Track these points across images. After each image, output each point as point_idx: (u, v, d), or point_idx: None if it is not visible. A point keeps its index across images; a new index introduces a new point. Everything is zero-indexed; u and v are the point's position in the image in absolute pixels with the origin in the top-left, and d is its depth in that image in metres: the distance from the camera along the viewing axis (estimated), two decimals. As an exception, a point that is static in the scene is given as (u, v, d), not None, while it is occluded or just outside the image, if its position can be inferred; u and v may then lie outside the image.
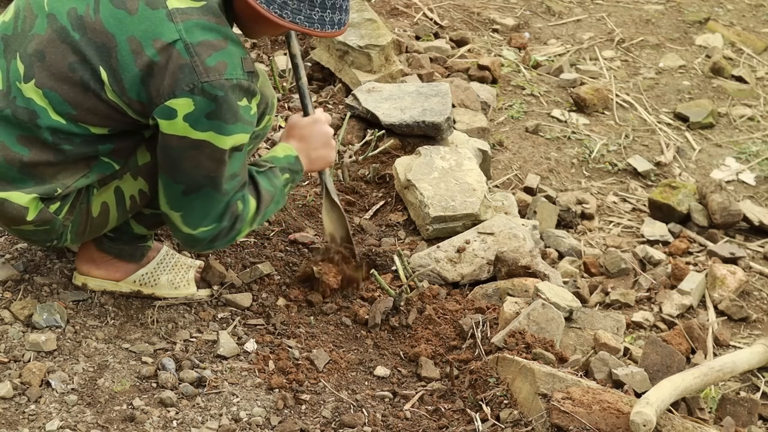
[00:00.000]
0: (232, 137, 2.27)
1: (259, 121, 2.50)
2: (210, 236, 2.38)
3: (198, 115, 2.21)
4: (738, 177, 4.65)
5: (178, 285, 2.66)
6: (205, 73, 2.20)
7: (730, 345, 3.37)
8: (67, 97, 2.25)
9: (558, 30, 5.77)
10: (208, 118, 2.22)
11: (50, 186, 2.32)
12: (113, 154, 2.36)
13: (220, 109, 2.23)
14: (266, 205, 2.47)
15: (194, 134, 2.23)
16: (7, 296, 2.57)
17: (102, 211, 2.43)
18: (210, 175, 2.29)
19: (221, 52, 2.22)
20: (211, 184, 2.31)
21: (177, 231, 2.41)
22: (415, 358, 2.60)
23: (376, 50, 4.03)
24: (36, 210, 2.32)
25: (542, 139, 4.65)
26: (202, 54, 2.20)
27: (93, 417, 2.24)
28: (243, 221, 2.42)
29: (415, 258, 2.97)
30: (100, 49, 2.22)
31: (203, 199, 2.32)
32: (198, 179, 2.29)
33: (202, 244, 2.41)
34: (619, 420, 2.17)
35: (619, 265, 3.75)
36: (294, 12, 2.29)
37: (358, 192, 3.36)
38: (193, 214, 2.35)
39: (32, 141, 2.29)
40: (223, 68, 2.21)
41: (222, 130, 2.25)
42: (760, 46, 5.84)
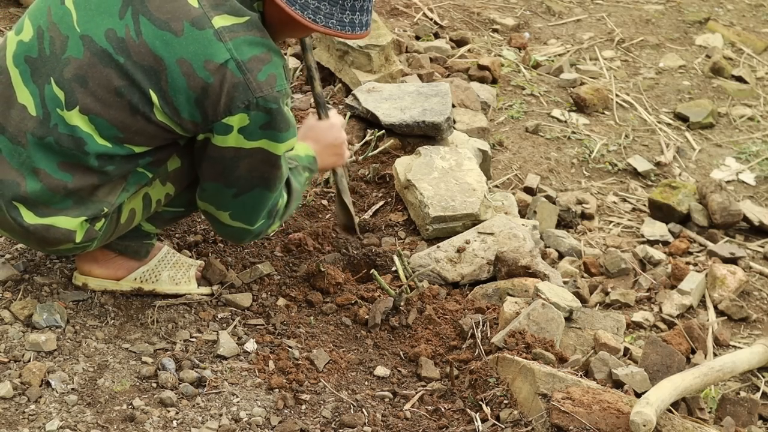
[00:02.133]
0: (285, 144, 2.35)
1: None
2: (258, 231, 2.48)
3: (252, 128, 2.28)
4: (738, 177, 4.65)
5: (179, 281, 2.66)
6: (259, 88, 2.25)
7: (730, 345, 3.37)
8: (115, 121, 2.25)
9: (558, 30, 5.77)
10: (262, 129, 2.29)
11: (96, 207, 2.33)
12: (150, 165, 2.38)
13: (274, 120, 2.29)
14: (294, 201, 2.56)
15: (247, 144, 2.30)
16: (7, 296, 2.57)
17: (129, 217, 2.45)
18: (264, 176, 2.37)
19: (269, 65, 2.27)
20: (265, 185, 2.39)
21: (220, 225, 2.48)
22: (415, 358, 2.60)
23: (376, 50, 4.03)
24: (83, 231, 2.34)
25: (542, 139, 4.65)
26: (253, 70, 2.24)
27: (93, 417, 2.24)
28: (278, 215, 2.52)
29: (415, 258, 2.97)
30: (148, 72, 2.22)
31: (255, 198, 2.40)
32: (252, 182, 2.37)
33: (250, 238, 2.50)
34: (619, 420, 2.17)
35: (619, 265, 3.75)
36: (326, 17, 2.32)
37: (358, 192, 3.36)
38: (244, 211, 2.42)
39: (75, 167, 2.28)
40: (273, 81, 2.27)
41: (275, 138, 2.32)
42: (760, 46, 5.84)
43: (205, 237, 2.93)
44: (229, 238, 2.56)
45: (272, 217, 2.49)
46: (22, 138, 2.27)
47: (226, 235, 2.53)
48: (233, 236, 2.52)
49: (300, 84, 4.16)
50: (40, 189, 2.27)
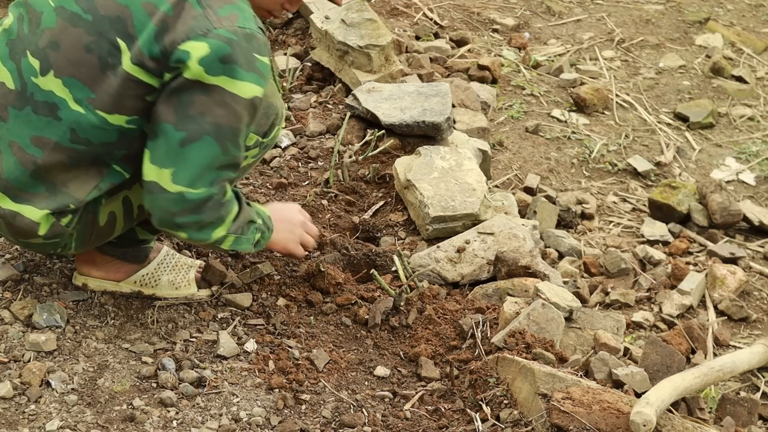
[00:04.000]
0: (245, 84, 2.23)
1: (269, 132, 2.48)
2: (199, 200, 2.26)
3: (212, 58, 2.20)
4: (738, 177, 4.65)
5: (178, 285, 2.66)
6: (218, 20, 2.22)
7: (730, 345, 3.37)
8: (86, 80, 2.25)
9: (558, 30, 5.77)
10: (222, 62, 2.20)
11: (63, 200, 2.31)
12: (124, 161, 2.34)
13: (234, 53, 2.21)
14: (242, 225, 2.40)
15: (207, 78, 2.21)
16: (7, 296, 2.57)
17: (109, 221, 2.43)
18: (217, 123, 2.23)
19: (232, 5, 2.25)
20: (216, 134, 2.24)
21: (162, 194, 2.25)
22: (415, 358, 2.60)
23: (376, 50, 4.03)
24: (48, 225, 2.32)
25: (542, 139, 4.65)
26: (213, 5, 2.23)
27: (93, 417, 2.24)
28: (226, 212, 2.33)
29: (415, 258, 2.97)
30: (114, 22, 2.24)
31: (202, 150, 2.24)
32: (203, 126, 2.23)
33: (188, 210, 2.27)
34: (619, 420, 2.17)
35: (619, 265, 3.75)
36: None
37: (358, 192, 3.36)
38: (187, 167, 2.24)
39: (46, 142, 2.28)
40: (235, 18, 2.23)
41: (235, 74, 2.22)
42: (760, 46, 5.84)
43: (205, 237, 2.93)
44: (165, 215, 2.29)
45: (220, 197, 2.29)
46: (4, 112, 2.31)
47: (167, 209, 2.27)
48: (170, 209, 2.27)
49: (300, 84, 4.16)
50: (13, 164, 2.28)
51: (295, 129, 3.73)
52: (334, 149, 3.47)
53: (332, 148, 3.55)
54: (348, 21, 4.10)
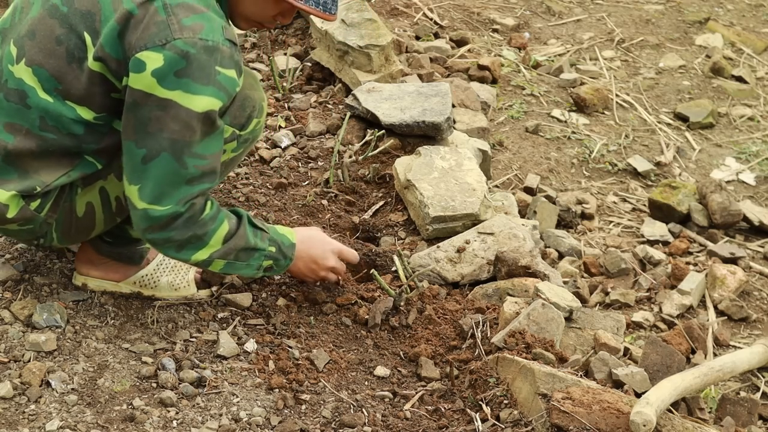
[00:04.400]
0: (200, 98, 2.19)
1: (246, 124, 2.47)
2: (164, 217, 2.25)
3: (167, 71, 2.17)
4: (738, 177, 4.65)
5: (178, 287, 2.66)
6: (179, 30, 2.17)
7: (730, 345, 3.37)
8: (54, 71, 2.26)
9: (558, 30, 5.77)
10: (177, 76, 2.17)
11: (30, 182, 2.32)
12: (97, 154, 2.36)
13: (190, 67, 2.17)
14: (237, 251, 2.38)
15: (161, 92, 2.18)
16: (7, 296, 2.57)
17: (87, 212, 2.42)
18: (173, 138, 2.20)
19: (200, 15, 2.21)
20: (172, 150, 2.21)
21: (133, 210, 2.28)
22: (415, 358, 2.60)
23: (376, 50, 4.03)
24: (17, 207, 2.33)
25: (542, 139, 4.65)
26: (179, 14, 2.19)
27: (93, 417, 2.24)
28: (203, 231, 2.31)
29: (415, 258, 2.97)
30: (84, 16, 2.24)
31: (162, 167, 2.22)
32: (160, 142, 2.20)
33: (155, 227, 2.27)
34: (619, 420, 2.17)
35: (619, 265, 3.75)
36: None
37: (358, 192, 3.36)
38: (149, 184, 2.23)
39: (18, 128, 2.30)
40: (199, 29, 2.19)
41: (190, 89, 2.18)
42: (760, 46, 5.84)
43: (205, 237, 2.93)
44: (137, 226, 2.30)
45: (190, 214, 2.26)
46: None
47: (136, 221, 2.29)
48: (140, 221, 2.28)
49: (300, 84, 4.16)
50: None
51: (295, 129, 3.73)
52: (334, 149, 3.47)
53: (332, 148, 3.55)
54: (348, 21, 4.10)
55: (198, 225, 2.30)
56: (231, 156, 2.49)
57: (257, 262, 2.45)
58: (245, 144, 2.52)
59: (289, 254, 2.51)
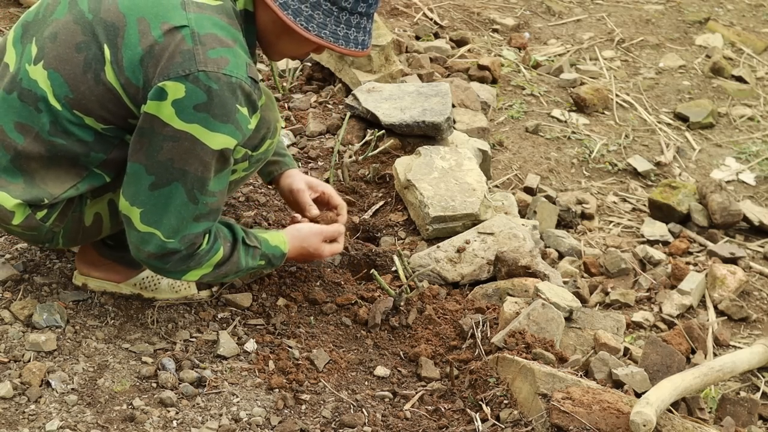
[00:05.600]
0: (218, 136, 2.18)
1: (259, 145, 2.45)
2: (164, 250, 2.27)
3: (187, 103, 2.15)
4: (738, 177, 4.65)
5: (178, 289, 2.66)
6: (204, 63, 2.15)
7: (730, 345, 3.37)
8: (68, 77, 2.24)
9: (558, 30, 5.77)
10: (196, 110, 2.15)
11: (38, 193, 2.31)
12: (104, 166, 2.34)
13: (211, 103, 2.15)
14: (229, 271, 2.41)
15: (178, 123, 2.16)
16: (7, 296, 2.57)
17: (95, 221, 2.43)
18: (185, 171, 2.20)
19: (227, 49, 2.18)
20: (183, 182, 2.21)
21: (132, 230, 2.28)
22: (415, 358, 2.60)
23: (376, 50, 4.03)
24: (22, 215, 2.33)
25: (542, 139, 4.65)
26: (206, 44, 2.16)
27: (93, 417, 2.24)
28: (199, 261, 2.33)
29: (415, 258, 2.97)
30: (108, 28, 2.21)
31: (170, 197, 2.22)
32: (171, 173, 2.20)
33: (152, 255, 2.28)
34: (619, 420, 2.17)
35: (619, 265, 3.75)
36: (320, 26, 2.28)
37: (358, 192, 3.36)
38: (156, 211, 2.23)
39: (28, 130, 2.28)
40: (224, 63, 2.16)
41: (208, 125, 2.16)
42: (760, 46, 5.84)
43: (205, 237, 2.93)
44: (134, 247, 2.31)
45: (188, 251, 2.28)
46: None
47: (134, 242, 2.30)
48: (138, 243, 2.29)
49: (300, 84, 4.16)
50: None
51: (295, 129, 3.73)
52: (334, 149, 3.47)
53: (332, 148, 3.55)
54: (348, 21, 4.09)
55: (193, 259, 2.33)
56: (242, 175, 2.49)
57: (245, 274, 2.51)
58: (256, 164, 2.51)
59: (277, 263, 2.55)
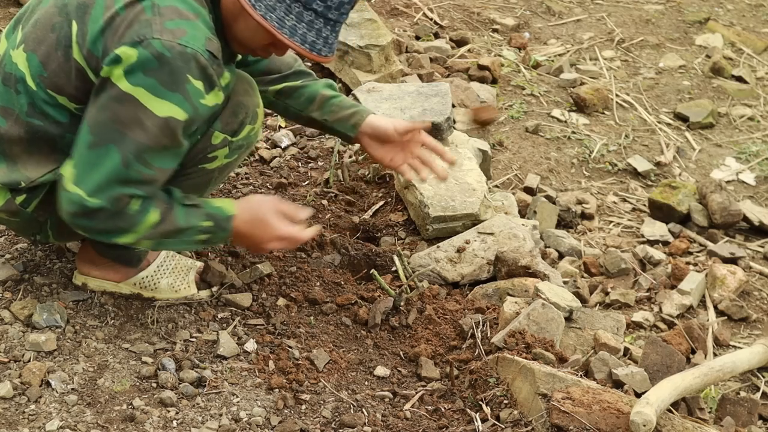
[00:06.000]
0: (164, 103, 2.16)
1: (239, 131, 2.44)
2: (89, 208, 2.21)
3: (136, 67, 2.14)
4: (738, 177, 4.65)
5: (178, 288, 2.66)
6: (160, 32, 2.15)
7: (730, 345, 3.37)
8: (42, 57, 2.28)
9: (558, 30, 5.77)
10: (145, 74, 2.14)
11: (16, 176, 2.33)
12: None
13: (161, 69, 2.14)
14: (169, 231, 2.30)
15: (125, 85, 2.15)
16: (7, 296, 2.57)
17: None
18: (123, 132, 2.17)
19: (186, 21, 2.18)
20: (120, 145, 2.17)
21: (62, 189, 2.24)
22: (415, 358, 2.60)
23: (376, 50, 4.03)
24: (3, 199, 2.36)
25: (542, 139, 4.65)
26: (165, 15, 2.17)
27: (93, 417, 2.24)
28: (131, 222, 2.25)
29: (415, 258, 2.97)
30: (80, 7, 2.25)
31: (104, 158, 2.18)
32: (109, 134, 2.17)
33: (79, 214, 2.22)
34: (619, 420, 2.17)
35: (619, 265, 3.75)
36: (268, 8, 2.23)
37: (358, 192, 3.36)
38: (87, 171, 2.20)
39: (10, 113, 2.32)
40: (181, 34, 2.16)
41: (155, 91, 2.15)
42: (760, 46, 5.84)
43: (205, 237, 2.93)
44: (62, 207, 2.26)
45: (115, 209, 2.21)
46: None
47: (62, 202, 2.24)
48: (65, 203, 2.23)
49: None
50: None
51: (295, 129, 3.73)
52: (334, 149, 3.47)
53: (332, 148, 3.55)
54: (348, 21, 4.10)
55: (122, 219, 2.24)
56: (224, 162, 2.46)
57: (190, 237, 2.34)
58: (239, 150, 2.49)
59: (226, 226, 2.36)
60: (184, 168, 2.40)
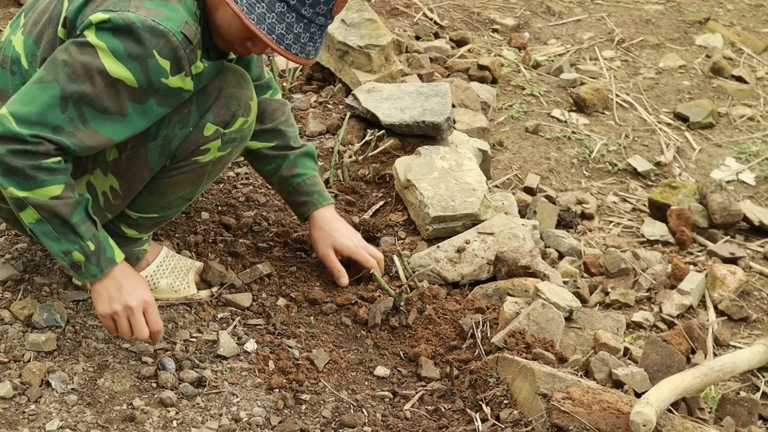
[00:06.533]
0: (119, 67, 2.16)
1: (231, 123, 2.43)
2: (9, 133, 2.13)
3: (107, 27, 2.15)
4: (738, 177, 4.65)
5: (178, 289, 2.66)
6: (137, 7, 2.17)
7: (730, 345, 3.37)
8: (36, 37, 2.32)
9: (558, 30, 5.78)
10: (113, 35, 2.15)
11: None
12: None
13: (129, 38, 2.15)
14: (53, 218, 2.20)
15: (91, 37, 2.16)
16: (7, 296, 2.57)
17: None
18: (70, 76, 2.16)
19: (165, 3, 2.20)
20: (63, 86, 2.16)
21: None
22: (415, 358, 2.60)
23: (376, 50, 4.03)
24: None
25: (542, 139, 4.65)
26: None
27: (93, 417, 2.24)
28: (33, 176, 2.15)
29: (415, 258, 2.97)
30: None
31: (43, 91, 2.16)
32: (58, 73, 2.16)
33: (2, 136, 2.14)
34: (619, 420, 2.17)
35: (619, 265, 3.75)
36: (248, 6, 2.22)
37: (358, 192, 3.36)
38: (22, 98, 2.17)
39: (4, 94, 2.35)
40: (157, 14, 2.17)
41: (116, 53, 2.15)
42: (760, 46, 5.84)
43: (204, 237, 2.93)
44: None
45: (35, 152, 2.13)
46: None
47: None
48: None
49: (300, 84, 4.16)
50: None
51: (295, 129, 3.73)
52: (334, 149, 3.47)
53: (332, 148, 3.55)
54: (348, 21, 4.10)
55: (32, 165, 2.16)
56: (218, 155, 2.45)
57: (68, 245, 2.24)
58: (232, 144, 2.47)
59: (103, 265, 2.28)
60: (177, 161, 2.40)
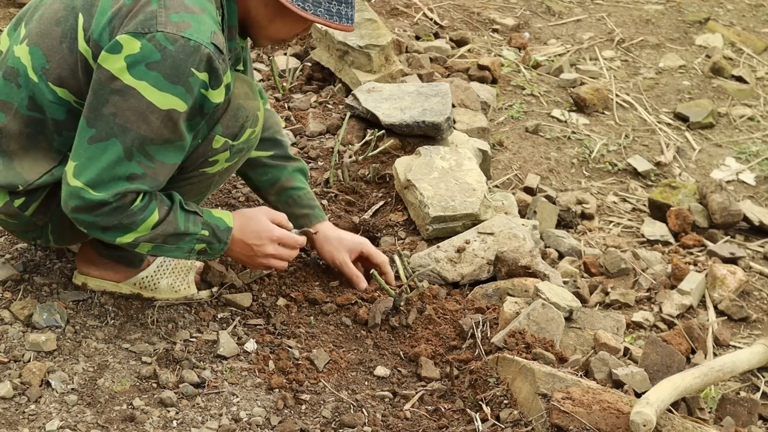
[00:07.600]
0: (166, 96, 2.17)
1: (239, 134, 2.44)
2: (93, 202, 2.20)
3: (139, 59, 2.15)
4: (738, 177, 4.65)
5: (178, 289, 2.66)
6: (165, 24, 2.16)
7: (730, 345, 3.37)
8: (46, 49, 2.29)
9: (558, 30, 5.78)
10: (148, 68, 2.15)
11: (13, 178, 2.33)
12: None
13: (164, 62, 2.15)
14: (167, 233, 2.31)
15: (127, 79, 2.16)
16: (7, 296, 2.57)
17: None
18: (126, 126, 2.17)
19: (192, 15, 2.20)
20: (122, 139, 2.18)
21: (65, 185, 2.24)
22: (415, 358, 2.60)
23: (376, 50, 4.03)
24: (2, 201, 2.36)
25: (542, 139, 4.65)
26: (170, 8, 2.18)
27: (93, 417, 2.24)
28: (132, 219, 2.25)
29: (415, 258, 2.97)
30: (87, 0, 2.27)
31: (105, 151, 2.19)
32: (111, 128, 2.18)
33: (82, 208, 2.22)
34: (619, 420, 2.17)
35: (619, 265, 3.75)
36: (314, 5, 2.31)
37: (358, 192, 3.36)
38: (89, 165, 2.20)
39: (9, 107, 2.33)
40: (185, 27, 2.17)
41: (158, 84, 2.16)
42: (760, 46, 5.84)
43: (205, 237, 2.93)
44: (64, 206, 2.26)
45: (117, 204, 2.21)
46: None
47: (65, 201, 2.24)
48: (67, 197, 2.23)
49: (300, 84, 4.16)
50: None
51: (295, 129, 3.73)
52: (334, 149, 3.47)
53: (332, 148, 3.55)
54: (348, 21, 4.09)
55: (125, 215, 2.24)
56: (225, 166, 2.47)
57: (188, 245, 2.37)
58: (240, 154, 2.49)
59: (223, 238, 2.41)
60: (185, 172, 2.40)
